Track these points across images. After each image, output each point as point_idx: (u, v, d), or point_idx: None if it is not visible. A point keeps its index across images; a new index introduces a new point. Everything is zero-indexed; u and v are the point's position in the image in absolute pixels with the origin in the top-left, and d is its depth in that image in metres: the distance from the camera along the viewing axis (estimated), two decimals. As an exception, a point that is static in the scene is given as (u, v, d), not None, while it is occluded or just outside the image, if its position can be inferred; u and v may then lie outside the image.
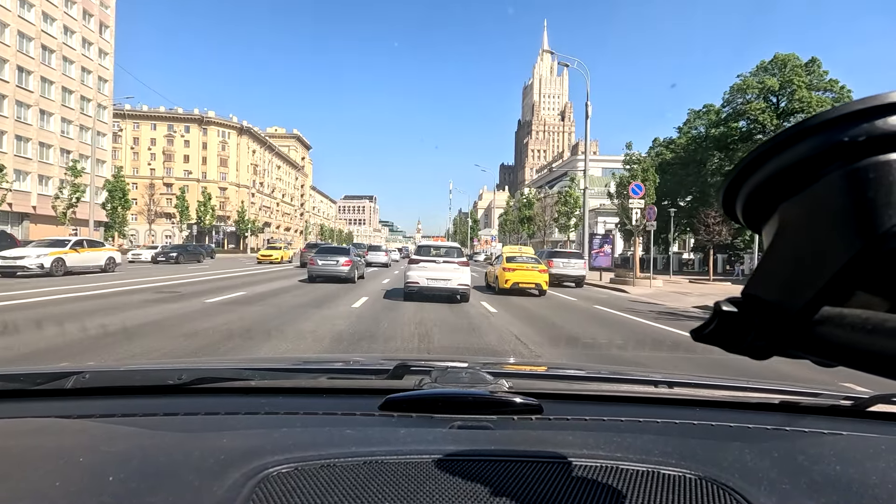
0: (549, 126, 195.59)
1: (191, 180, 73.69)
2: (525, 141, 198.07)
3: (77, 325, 6.05)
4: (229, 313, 7.60)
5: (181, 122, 74.98)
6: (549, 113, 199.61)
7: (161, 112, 74.10)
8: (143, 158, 73.96)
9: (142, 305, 8.24)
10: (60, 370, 1.00)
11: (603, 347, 5.95)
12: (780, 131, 0.26)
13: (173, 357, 4.53)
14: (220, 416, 0.81)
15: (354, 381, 1.14)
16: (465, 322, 7.58)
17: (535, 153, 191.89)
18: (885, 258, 0.22)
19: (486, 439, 0.70)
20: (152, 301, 8.87)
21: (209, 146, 75.11)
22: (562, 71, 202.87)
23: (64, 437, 0.71)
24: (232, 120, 78.68)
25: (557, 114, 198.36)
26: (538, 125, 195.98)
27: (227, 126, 78.05)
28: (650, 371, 1.63)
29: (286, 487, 0.53)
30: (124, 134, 72.58)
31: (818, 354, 0.26)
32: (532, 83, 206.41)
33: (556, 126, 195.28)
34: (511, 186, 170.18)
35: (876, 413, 0.90)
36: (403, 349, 5.45)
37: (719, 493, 0.54)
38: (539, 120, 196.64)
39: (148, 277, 14.71)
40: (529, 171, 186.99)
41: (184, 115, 74.58)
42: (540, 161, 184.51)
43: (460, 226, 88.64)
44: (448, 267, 10.05)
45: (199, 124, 75.52)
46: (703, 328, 0.31)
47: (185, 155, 73.55)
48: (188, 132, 75.20)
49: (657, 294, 15.20)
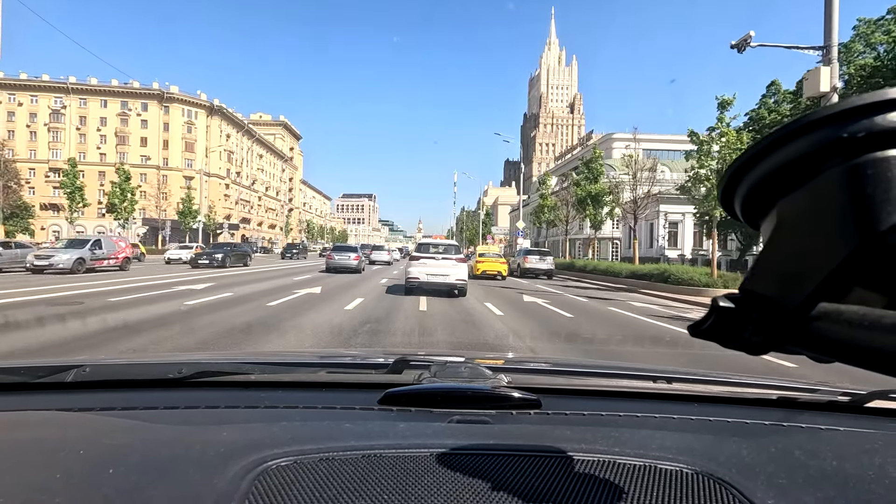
0: (557, 119, 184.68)
1: (149, 167, 62.53)
2: (532, 134, 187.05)
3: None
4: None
5: (137, 98, 63.82)
6: (558, 105, 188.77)
7: (114, 87, 62.91)
8: (91, 141, 62.76)
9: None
10: (61, 364, 1.00)
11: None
12: (778, 127, 0.26)
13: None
14: (220, 409, 0.82)
15: (354, 375, 1.16)
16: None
17: (543, 147, 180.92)
18: (883, 254, 0.22)
19: (485, 434, 0.71)
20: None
21: (172, 128, 63.94)
22: (570, 61, 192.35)
23: (65, 431, 0.71)
24: (200, 97, 67.39)
25: (566, 106, 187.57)
26: (546, 118, 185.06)
27: (193, 104, 66.74)
28: (648, 367, 1.62)
29: (286, 480, 0.53)
30: (67, 112, 61.27)
31: (815, 350, 0.26)
32: (539, 74, 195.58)
33: (566, 119, 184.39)
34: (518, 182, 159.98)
35: (873, 409, 0.90)
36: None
37: (716, 488, 0.55)
38: (547, 112, 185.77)
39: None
40: (538, 165, 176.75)
41: (140, 90, 63.41)
42: (549, 155, 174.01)
43: (467, 223, 77.49)
44: (446, 263, 10.81)
45: (158, 101, 64.34)
46: (700, 324, 0.30)
47: (143, 137, 62.35)
48: (146, 111, 64.01)
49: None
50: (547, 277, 20.54)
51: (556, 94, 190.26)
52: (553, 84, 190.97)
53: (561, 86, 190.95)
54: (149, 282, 12.84)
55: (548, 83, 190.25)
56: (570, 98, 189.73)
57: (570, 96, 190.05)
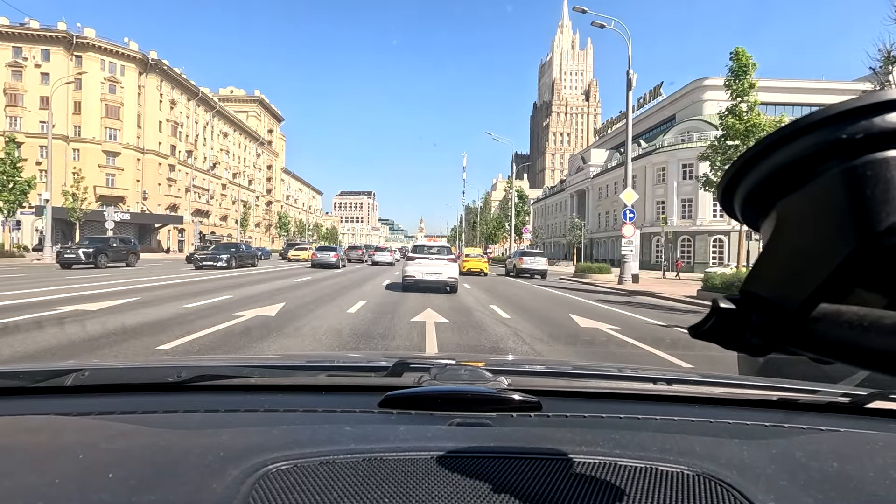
0: (571, 107, 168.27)
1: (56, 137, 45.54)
2: (545, 123, 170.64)
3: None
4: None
5: (35, 43, 47.06)
6: (572, 92, 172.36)
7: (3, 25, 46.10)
8: (-32, 100, 46.17)
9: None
10: (60, 368, 1.01)
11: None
12: (778, 128, 0.26)
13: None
14: (219, 413, 0.82)
15: (354, 378, 1.17)
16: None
17: (556, 136, 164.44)
18: (882, 255, 0.22)
19: (485, 436, 0.71)
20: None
21: (87, 86, 47.03)
22: (585, 44, 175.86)
23: (63, 435, 0.71)
24: (129, 46, 50.62)
25: (581, 93, 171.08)
26: (559, 105, 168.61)
27: (117, 55, 49.88)
28: (648, 368, 1.58)
29: (286, 484, 0.53)
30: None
31: (816, 351, 0.26)
32: (550, 59, 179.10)
33: (580, 107, 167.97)
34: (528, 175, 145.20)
35: (874, 410, 0.91)
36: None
37: (717, 490, 0.55)
38: (560, 100, 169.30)
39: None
40: (550, 157, 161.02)
41: (41, 31, 46.63)
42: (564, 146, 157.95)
43: (485, 214, 61.22)
44: (439, 263, 12.03)
45: (66, 49, 47.53)
46: (700, 325, 0.31)
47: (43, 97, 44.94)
48: (48, 60, 47.26)
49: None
50: (541, 277, 22.03)
51: (569, 81, 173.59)
52: (566, 70, 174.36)
53: (575, 71, 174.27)
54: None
55: (560, 69, 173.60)
56: (585, 85, 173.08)
57: (585, 83, 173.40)
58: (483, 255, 24.08)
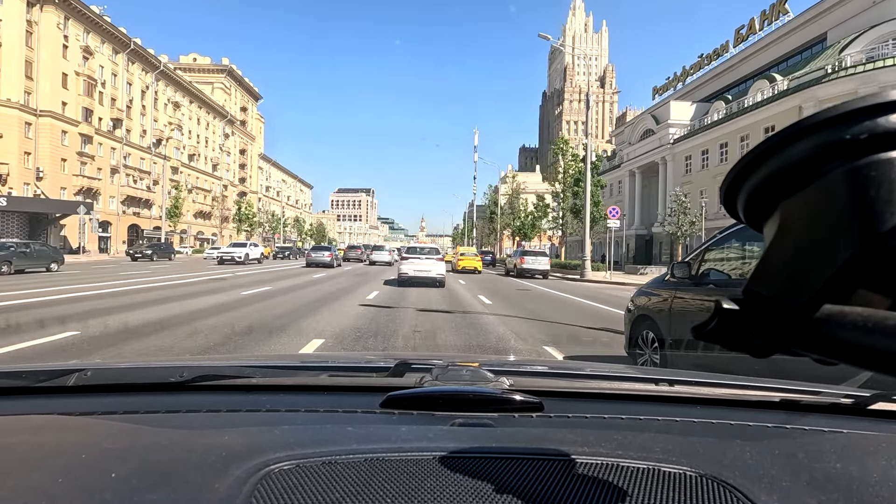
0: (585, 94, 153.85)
1: None
2: (557, 111, 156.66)
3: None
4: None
5: None
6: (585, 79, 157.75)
7: None
8: None
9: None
10: (62, 367, 1.01)
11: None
12: (781, 129, 0.25)
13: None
14: (221, 413, 0.82)
15: (356, 378, 1.17)
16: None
17: (570, 125, 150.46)
18: (886, 256, 0.22)
19: (487, 437, 0.71)
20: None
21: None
22: (600, 27, 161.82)
23: (66, 435, 0.71)
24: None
25: (596, 80, 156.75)
26: (572, 92, 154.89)
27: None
28: (650, 369, 1.58)
29: (288, 484, 0.53)
30: None
31: (819, 352, 0.26)
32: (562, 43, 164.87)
33: (596, 94, 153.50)
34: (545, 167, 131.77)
35: (877, 411, 0.90)
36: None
37: (720, 491, 0.55)
38: (573, 86, 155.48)
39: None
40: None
41: None
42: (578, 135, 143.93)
43: (508, 208, 48.01)
44: (429, 262, 14.53)
45: None
46: (703, 326, 0.30)
47: None
48: None
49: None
50: (542, 277, 22.48)
51: (583, 66, 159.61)
52: (579, 54, 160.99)
53: (588, 56, 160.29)
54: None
55: (573, 54, 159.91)
56: (601, 70, 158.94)
57: (600, 68, 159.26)
58: (476, 254, 26.44)
